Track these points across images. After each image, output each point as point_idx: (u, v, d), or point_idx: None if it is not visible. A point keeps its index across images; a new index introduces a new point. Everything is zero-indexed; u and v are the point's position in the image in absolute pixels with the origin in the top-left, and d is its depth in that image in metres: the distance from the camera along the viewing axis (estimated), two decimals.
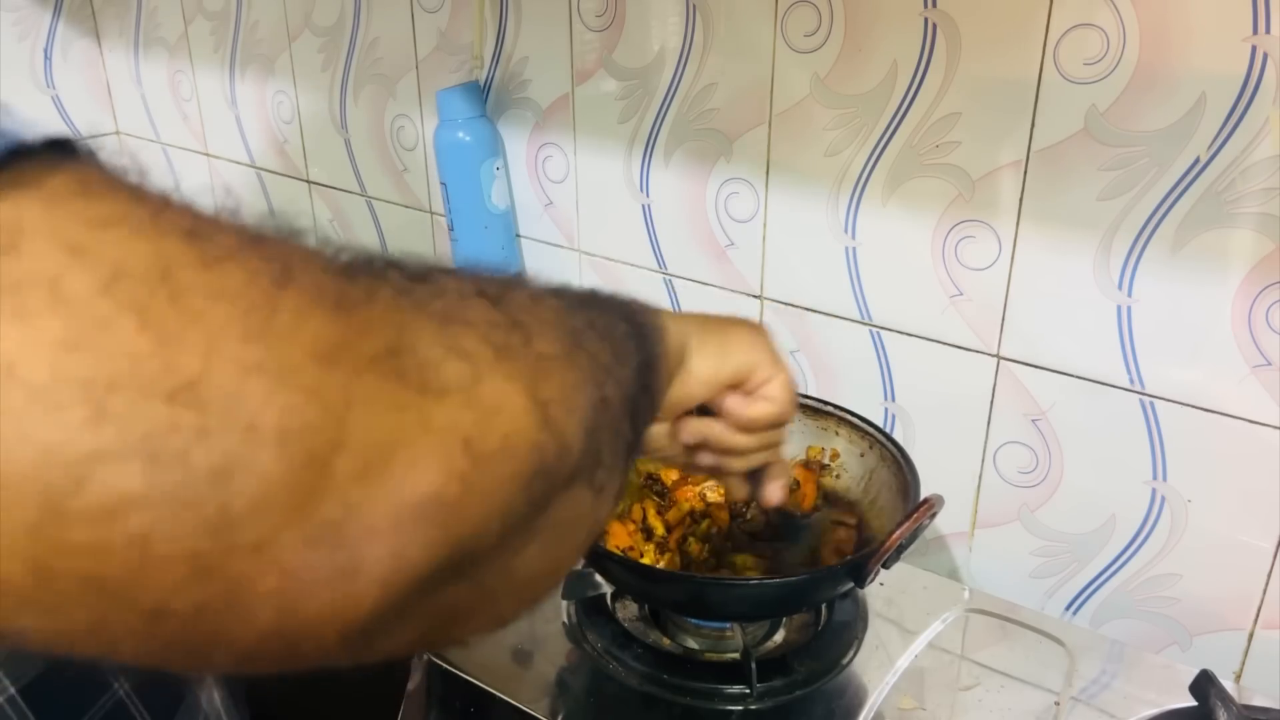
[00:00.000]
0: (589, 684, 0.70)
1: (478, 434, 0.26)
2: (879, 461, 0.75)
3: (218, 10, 1.19)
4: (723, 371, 0.50)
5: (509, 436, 0.27)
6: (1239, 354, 0.67)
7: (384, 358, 0.24)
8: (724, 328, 0.51)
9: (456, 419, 0.25)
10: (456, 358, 0.26)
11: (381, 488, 0.23)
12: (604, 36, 0.89)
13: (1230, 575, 0.72)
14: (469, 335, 0.27)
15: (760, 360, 0.52)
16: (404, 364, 0.24)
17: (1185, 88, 0.63)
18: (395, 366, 0.24)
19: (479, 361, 0.27)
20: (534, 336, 0.30)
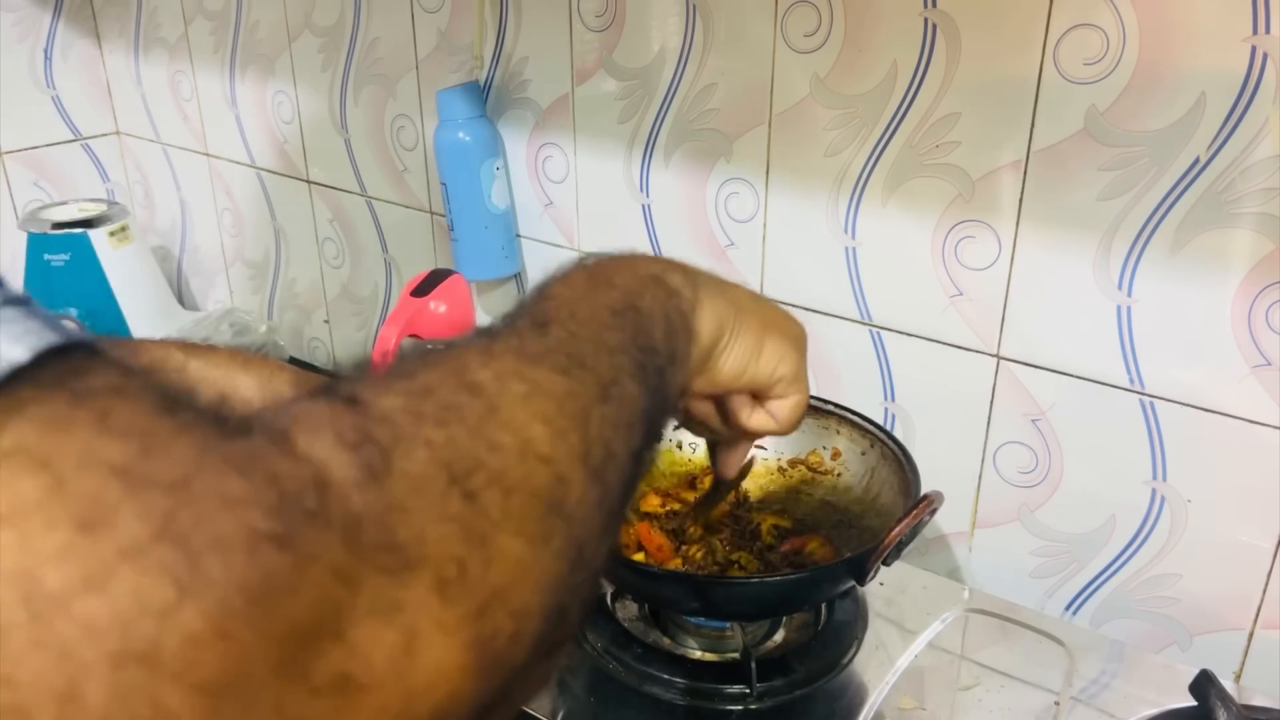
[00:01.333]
0: (589, 684, 0.70)
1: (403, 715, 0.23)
2: (880, 460, 0.75)
3: (218, 10, 1.20)
4: (745, 378, 0.48)
5: (439, 708, 0.24)
6: (1239, 354, 0.67)
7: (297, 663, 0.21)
8: (764, 329, 0.48)
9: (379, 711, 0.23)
10: (390, 625, 0.23)
11: None
12: (604, 36, 0.89)
13: (1230, 575, 0.72)
14: (416, 583, 0.24)
15: (784, 377, 0.50)
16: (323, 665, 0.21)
17: (1185, 88, 0.63)
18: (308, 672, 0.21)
19: (419, 621, 0.24)
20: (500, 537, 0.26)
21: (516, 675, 0.27)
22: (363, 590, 0.22)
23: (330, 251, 1.23)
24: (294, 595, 0.21)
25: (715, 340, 0.45)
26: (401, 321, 0.93)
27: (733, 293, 0.47)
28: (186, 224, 1.40)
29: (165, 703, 0.19)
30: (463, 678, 0.25)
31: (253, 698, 0.20)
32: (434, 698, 0.24)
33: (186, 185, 1.36)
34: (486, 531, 0.26)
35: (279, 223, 1.27)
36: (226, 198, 1.32)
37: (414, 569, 0.24)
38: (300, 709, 0.21)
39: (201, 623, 0.19)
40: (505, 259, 1.01)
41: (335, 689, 0.22)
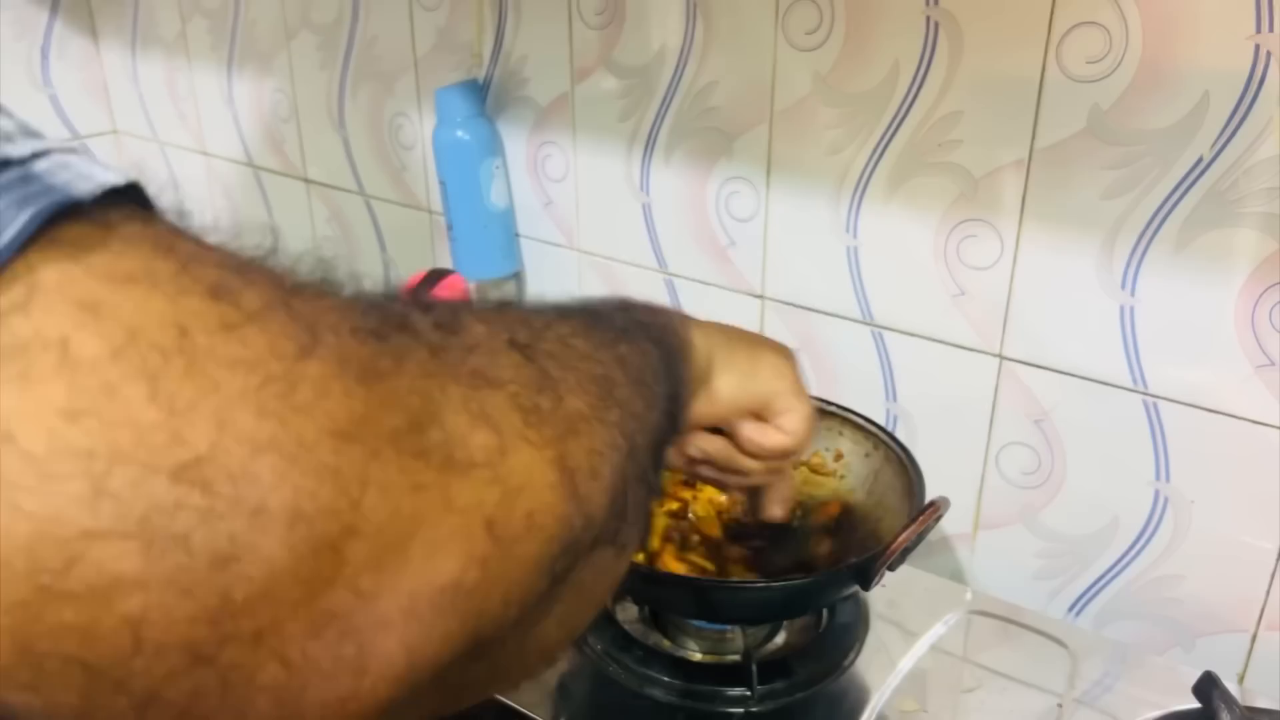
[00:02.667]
0: (589, 687, 0.70)
1: (502, 513, 0.25)
2: (884, 462, 0.75)
3: (215, 8, 1.19)
4: (744, 396, 0.49)
5: (534, 514, 0.26)
6: (1242, 354, 0.67)
7: (406, 433, 0.23)
8: (753, 349, 0.50)
9: (480, 497, 0.24)
10: (483, 427, 0.25)
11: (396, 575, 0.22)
12: (604, 34, 0.88)
13: (1234, 576, 0.72)
14: (497, 399, 0.26)
15: (784, 390, 0.51)
16: (427, 439, 0.23)
17: (1188, 86, 0.63)
18: (418, 443, 0.23)
19: (506, 430, 0.26)
20: (565, 395, 0.29)
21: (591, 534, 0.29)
22: (452, 392, 0.25)
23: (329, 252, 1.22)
24: (395, 377, 0.23)
25: (709, 360, 0.46)
26: None
27: (719, 324, 0.49)
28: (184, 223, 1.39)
29: (304, 436, 0.21)
30: (550, 492, 0.26)
31: (375, 451, 0.22)
32: (527, 500, 0.26)
33: (184, 184, 1.36)
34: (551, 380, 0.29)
35: (276, 221, 1.27)
36: (224, 197, 1.31)
37: (494, 387, 0.26)
38: (415, 474, 0.23)
39: (326, 375, 0.21)
40: (504, 258, 1.01)
41: (443, 463, 0.23)
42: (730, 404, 0.48)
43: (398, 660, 0.22)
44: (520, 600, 0.26)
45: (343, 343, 0.22)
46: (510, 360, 0.28)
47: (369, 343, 0.23)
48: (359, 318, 0.23)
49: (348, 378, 0.22)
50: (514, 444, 0.26)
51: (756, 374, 0.49)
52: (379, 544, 0.22)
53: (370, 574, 0.21)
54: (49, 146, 0.20)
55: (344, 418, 0.21)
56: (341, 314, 0.23)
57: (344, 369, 0.22)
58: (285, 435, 0.20)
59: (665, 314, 0.44)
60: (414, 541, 0.22)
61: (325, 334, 0.22)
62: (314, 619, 0.21)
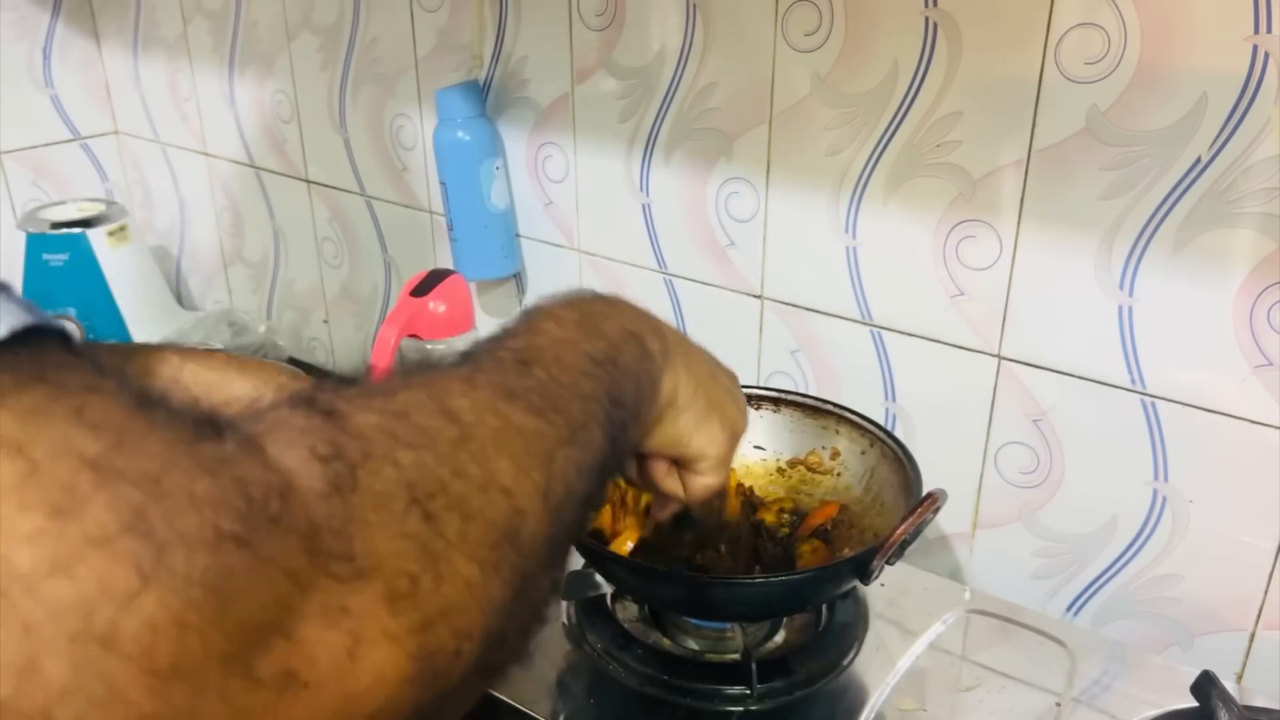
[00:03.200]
0: (589, 685, 0.70)
1: None
2: (880, 459, 0.75)
3: (216, 9, 1.19)
4: (678, 446, 0.51)
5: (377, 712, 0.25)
6: (1240, 354, 0.67)
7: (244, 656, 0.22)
8: (711, 405, 0.51)
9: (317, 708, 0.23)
10: (337, 629, 0.24)
11: None
12: (604, 36, 0.89)
13: (1232, 576, 0.72)
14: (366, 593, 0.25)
15: (710, 458, 0.52)
16: (268, 658, 0.22)
17: (1186, 87, 0.63)
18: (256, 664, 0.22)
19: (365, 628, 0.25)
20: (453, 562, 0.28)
21: (453, 692, 0.28)
22: (314, 594, 0.24)
23: (329, 251, 1.22)
24: (249, 593, 0.22)
25: (669, 405, 0.48)
26: (401, 321, 0.93)
27: (697, 366, 0.50)
28: (185, 224, 1.40)
29: (119, 683, 0.20)
30: (403, 686, 0.26)
31: (201, 684, 0.21)
32: (373, 702, 0.25)
33: (185, 185, 1.36)
34: (441, 552, 0.27)
35: (278, 222, 1.27)
36: (225, 197, 1.31)
37: (366, 578, 0.25)
38: (244, 699, 0.22)
39: (160, 611, 0.20)
40: (505, 259, 1.01)
41: (279, 683, 0.23)
42: (661, 448, 0.50)
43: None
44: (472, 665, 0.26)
45: (193, 562, 0.21)
46: (400, 530, 0.26)
47: (227, 552, 0.22)
48: (227, 517, 0.22)
49: (188, 609, 0.21)
50: (369, 643, 0.25)
51: (697, 433, 0.50)
52: None
53: None
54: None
55: (170, 656, 0.20)
56: (206, 514, 0.22)
57: (186, 596, 0.21)
58: (95, 682, 0.19)
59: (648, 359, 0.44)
60: None
61: (175, 554, 0.21)
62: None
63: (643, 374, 0.44)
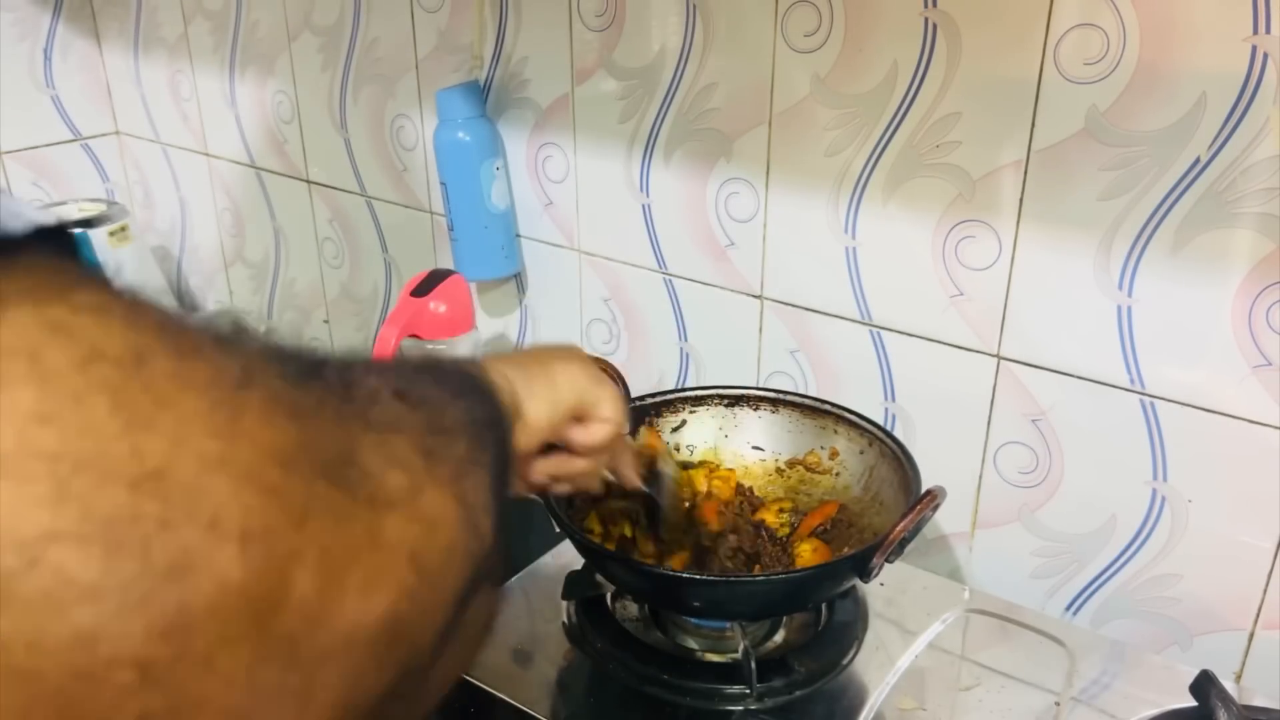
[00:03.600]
0: (589, 684, 0.70)
1: (423, 549, 0.26)
2: (879, 458, 0.75)
3: (217, 10, 1.19)
4: (557, 411, 0.51)
5: (449, 549, 0.27)
6: (1239, 354, 0.67)
7: (335, 467, 0.24)
8: (545, 365, 0.51)
9: (403, 534, 0.25)
10: (396, 468, 0.26)
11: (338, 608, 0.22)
12: (604, 36, 0.89)
13: (1231, 575, 0.72)
14: (403, 444, 0.27)
15: (584, 386, 0.53)
16: (353, 475, 0.24)
17: (1186, 88, 0.63)
18: (345, 477, 0.24)
19: (415, 471, 0.27)
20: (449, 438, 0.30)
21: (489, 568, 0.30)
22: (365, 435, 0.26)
23: (330, 251, 1.23)
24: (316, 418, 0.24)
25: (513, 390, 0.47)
26: (401, 322, 0.93)
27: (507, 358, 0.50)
28: (186, 224, 1.40)
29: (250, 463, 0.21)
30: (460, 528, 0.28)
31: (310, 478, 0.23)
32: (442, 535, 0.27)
33: (186, 185, 1.36)
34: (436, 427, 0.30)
35: (278, 223, 1.27)
36: (226, 198, 1.32)
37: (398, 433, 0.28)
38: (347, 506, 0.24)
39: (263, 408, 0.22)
40: (505, 259, 1.01)
41: (368, 499, 0.24)
42: (548, 425, 0.50)
43: (339, 692, 0.23)
44: (438, 630, 0.27)
45: (271, 382, 0.23)
46: (400, 409, 0.29)
47: (292, 385, 0.24)
48: (280, 364, 0.25)
49: (282, 411, 0.23)
50: (423, 484, 0.27)
51: (556, 385, 0.51)
52: (321, 573, 0.22)
53: (315, 603, 0.22)
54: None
55: (283, 447, 0.22)
56: (265, 359, 0.24)
57: (277, 403, 0.23)
58: (235, 456, 0.21)
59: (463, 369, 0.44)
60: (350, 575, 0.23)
61: (256, 372, 0.23)
62: (263, 643, 0.21)
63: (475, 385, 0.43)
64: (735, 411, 0.81)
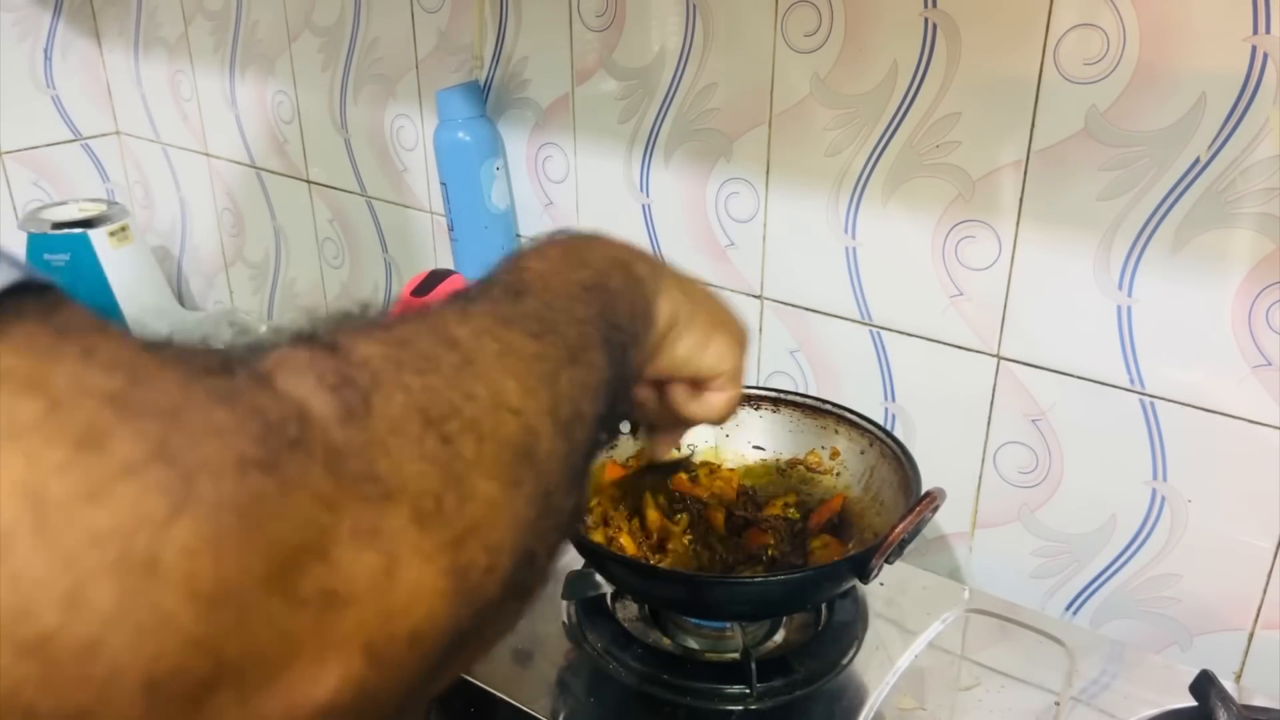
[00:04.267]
0: (589, 684, 0.70)
1: (382, 638, 0.24)
2: (879, 458, 0.75)
3: (218, 10, 1.20)
4: (688, 366, 0.50)
5: (418, 630, 0.25)
6: (1239, 354, 0.67)
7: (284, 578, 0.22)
8: (713, 322, 0.51)
9: (359, 628, 0.24)
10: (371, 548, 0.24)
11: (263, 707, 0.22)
12: (604, 36, 0.89)
13: (1230, 575, 0.72)
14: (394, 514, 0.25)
15: (725, 371, 0.52)
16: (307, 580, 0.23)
17: (1185, 88, 0.63)
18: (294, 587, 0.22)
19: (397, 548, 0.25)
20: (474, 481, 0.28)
21: (489, 610, 0.29)
22: (344, 515, 0.24)
23: (330, 251, 1.23)
24: (280, 516, 0.22)
25: (669, 328, 0.47)
26: None
27: (690, 288, 0.50)
28: (186, 224, 1.40)
29: (165, 607, 0.20)
30: (440, 602, 0.26)
31: (245, 606, 0.21)
32: (412, 618, 0.25)
33: (186, 185, 1.36)
34: (461, 471, 0.28)
35: (279, 223, 1.27)
36: (226, 198, 1.32)
37: (393, 499, 0.25)
38: (289, 619, 0.22)
39: (196, 537, 0.20)
40: None
41: (321, 603, 0.23)
42: (676, 369, 0.50)
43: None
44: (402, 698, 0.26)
45: (221, 488, 0.21)
46: (419, 452, 0.27)
47: (253, 478, 0.22)
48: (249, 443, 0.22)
49: (221, 532, 0.21)
50: (405, 560, 0.25)
51: (707, 348, 0.50)
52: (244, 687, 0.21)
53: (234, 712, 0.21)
54: None
55: (211, 580, 0.21)
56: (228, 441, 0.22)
57: (219, 521, 0.21)
58: (142, 608, 0.20)
59: (636, 279, 0.44)
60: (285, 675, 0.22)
61: (203, 481, 0.21)
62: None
63: (636, 297, 0.44)
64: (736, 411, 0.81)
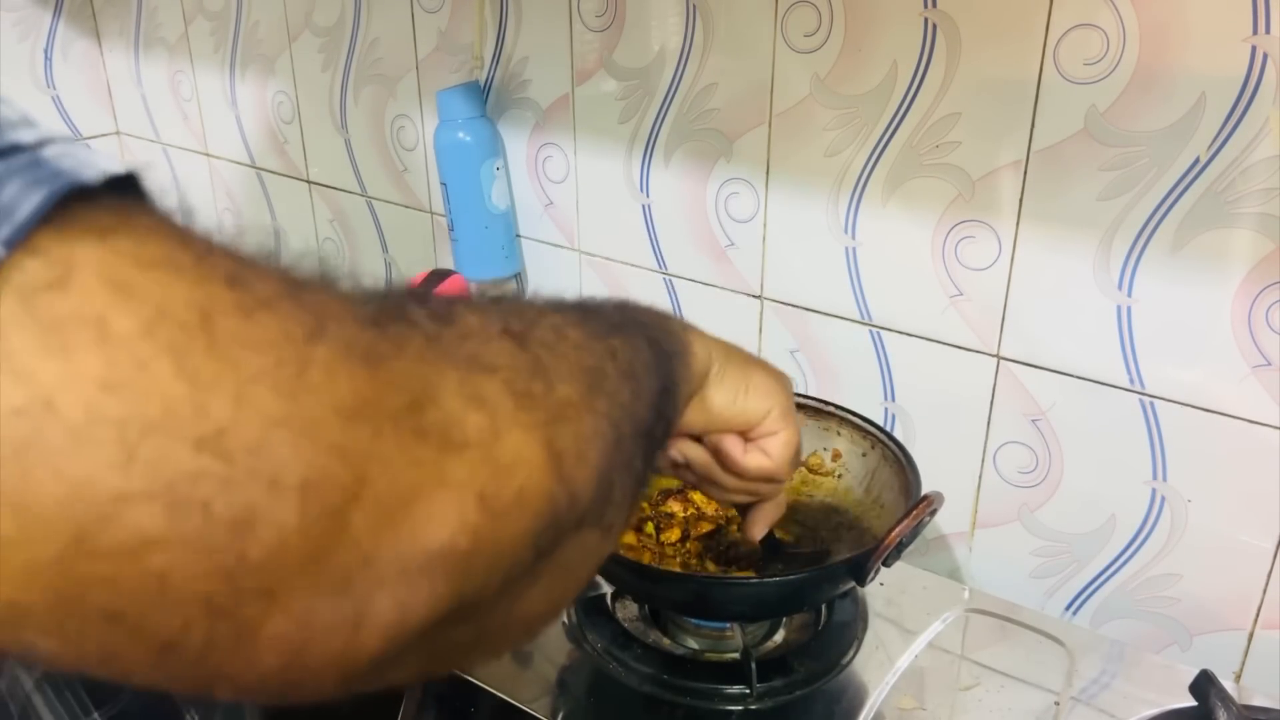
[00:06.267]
0: (589, 684, 0.70)
1: (493, 489, 0.26)
2: (881, 461, 0.75)
3: (218, 10, 1.20)
4: (733, 412, 0.49)
5: (523, 491, 0.27)
6: (1239, 354, 0.67)
7: (406, 413, 0.24)
8: (748, 366, 0.50)
9: (473, 474, 0.25)
10: (477, 409, 0.26)
11: (393, 540, 0.23)
12: (604, 36, 0.89)
13: (1230, 575, 0.72)
14: (491, 383, 0.27)
15: (773, 411, 0.51)
16: (425, 419, 0.25)
17: (1185, 88, 0.63)
18: (417, 422, 0.24)
19: (499, 413, 0.27)
20: (555, 381, 0.30)
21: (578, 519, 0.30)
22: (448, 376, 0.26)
23: (330, 251, 1.23)
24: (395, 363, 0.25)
25: (706, 366, 0.47)
26: None
27: (718, 338, 0.49)
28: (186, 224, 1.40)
29: (313, 413, 0.22)
30: (540, 474, 0.28)
31: (378, 426, 0.23)
32: (518, 478, 0.27)
33: (187, 185, 1.36)
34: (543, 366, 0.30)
35: (279, 223, 1.27)
36: (226, 198, 1.32)
37: (488, 372, 0.27)
38: (414, 449, 0.24)
39: (331, 359, 0.23)
40: (505, 259, 1.01)
41: (439, 440, 0.25)
42: (718, 417, 0.49)
43: (390, 617, 0.24)
44: (506, 569, 0.27)
45: (346, 330, 0.24)
46: (503, 347, 0.29)
47: (370, 330, 0.25)
48: (359, 308, 0.25)
49: (352, 361, 0.23)
50: (506, 426, 0.27)
51: (749, 392, 0.49)
52: (378, 512, 0.23)
53: (369, 539, 0.23)
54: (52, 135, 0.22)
55: (349, 398, 0.23)
56: (343, 304, 0.25)
57: (349, 353, 0.23)
58: (297, 412, 0.22)
59: (666, 318, 0.44)
60: (410, 510, 0.24)
61: (330, 321, 0.23)
62: (318, 579, 0.22)
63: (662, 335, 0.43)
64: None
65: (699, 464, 0.54)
